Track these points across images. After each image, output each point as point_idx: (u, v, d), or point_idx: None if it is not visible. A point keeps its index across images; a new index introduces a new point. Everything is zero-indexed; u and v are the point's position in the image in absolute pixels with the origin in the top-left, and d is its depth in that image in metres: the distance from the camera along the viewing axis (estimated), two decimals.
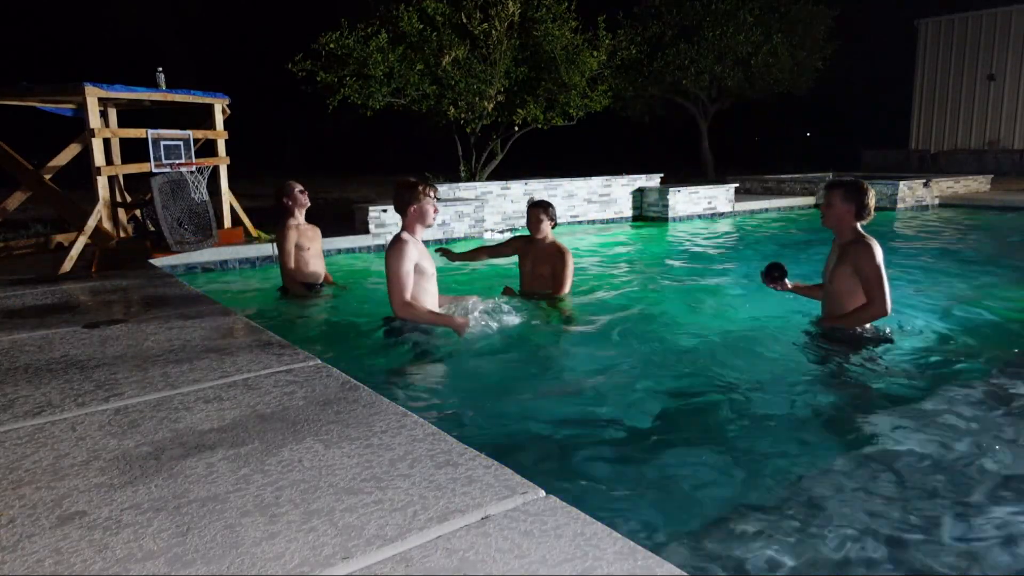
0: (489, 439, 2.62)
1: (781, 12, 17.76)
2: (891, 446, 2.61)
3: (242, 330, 3.38)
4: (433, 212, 3.80)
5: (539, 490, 1.68)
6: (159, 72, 6.44)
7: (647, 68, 17.04)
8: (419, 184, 3.79)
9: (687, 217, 10.72)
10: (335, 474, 1.79)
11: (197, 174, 6.33)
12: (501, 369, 3.54)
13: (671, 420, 2.95)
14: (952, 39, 21.46)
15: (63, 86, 5.66)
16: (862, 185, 3.63)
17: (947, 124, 21.84)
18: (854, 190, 3.61)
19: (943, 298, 5.10)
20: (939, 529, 2.06)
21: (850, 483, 2.32)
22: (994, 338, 4.11)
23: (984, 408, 2.96)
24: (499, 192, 9.48)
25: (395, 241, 3.70)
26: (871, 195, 3.62)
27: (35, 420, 2.19)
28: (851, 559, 1.91)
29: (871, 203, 3.61)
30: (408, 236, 3.73)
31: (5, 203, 6.30)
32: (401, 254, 3.62)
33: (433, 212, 3.80)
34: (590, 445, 2.67)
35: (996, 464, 2.46)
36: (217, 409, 2.26)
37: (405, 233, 3.75)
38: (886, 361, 3.55)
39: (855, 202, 3.58)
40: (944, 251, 7.69)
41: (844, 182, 3.70)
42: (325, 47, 9.80)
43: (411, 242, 3.69)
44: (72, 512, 1.62)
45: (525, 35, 10.72)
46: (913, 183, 12.00)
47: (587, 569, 1.37)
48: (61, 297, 4.24)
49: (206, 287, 5.39)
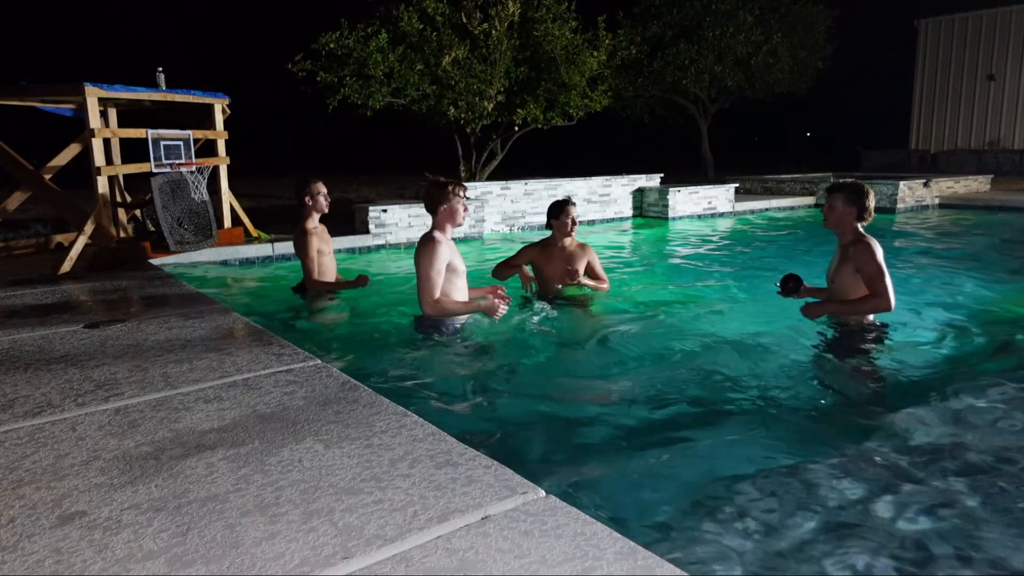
0: (489, 439, 2.63)
1: (781, 12, 17.75)
2: (895, 444, 2.61)
3: (242, 330, 3.37)
4: (463, 211, 3.78)
5: (539, 490, 1.68)
6: (159, 72, 6.44)
7: (647, 68, 17.03)
8: (449, 184, 3.76)
9: (687, 217, 10.73)
10: (335, 474, 1.79)
11: (197, 174, 6.33)
12: (501, 369, 3.54)
13: (671, 420, 2.94)
14: (952, 39, 21.47)
15: (63, 86, 5.67)
16: (863, 188, 3.66)
17: (947, 124, 21.84)
18: (856, 193, 3.65)
19: (943, 298, 5.10)
20: (940, 529, 2.06)
21: (855, 484, 2.32)
22: (994, 338, 4.11)
23: (984, 407, 2.95)
24: (499, 192, 9.48)
25: (427, 240, 3.69)
26: (872, 197, 3.66)
27: (35, 420, 2.19)
28: (855, 559, 1.91)
29: (872, 205, 3.66)
30: (439, 235, 3.72)
31: (5, 203, 6.30)
32: (433, 254, 3.63)
33: (463, 211, 3.78)
34: (590, 445, 2.67)
35: (996, 463, 2.46)
36: (217, 409, 2.26)
37: (436, 232, 3.74)
38: (886, 361, 3.56)
39: (856, 205, 3.63)
40: (944, 251, 7.69)
41: (845, 185, 3.73)
42: (325, 47, 9.80)
43: (443, 241, 3.70)
44: (72, 512, 1.62)
45: (525, 35, 10.72)
46: (913, 183, 12.00)
47: (587, 569, 1.37)
48: (61, 297, 4.24)
49: (205, 287, 5.39)
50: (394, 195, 12.32)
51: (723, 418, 2.92)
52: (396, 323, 4.49)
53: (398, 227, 7.96)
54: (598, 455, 2.57)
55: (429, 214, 3.80)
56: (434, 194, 3.74)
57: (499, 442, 2.62)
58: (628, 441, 2.70)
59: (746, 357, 3.70)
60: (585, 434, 2.79)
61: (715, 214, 11.11)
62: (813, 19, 18.29)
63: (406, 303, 5.10)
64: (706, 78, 17.40)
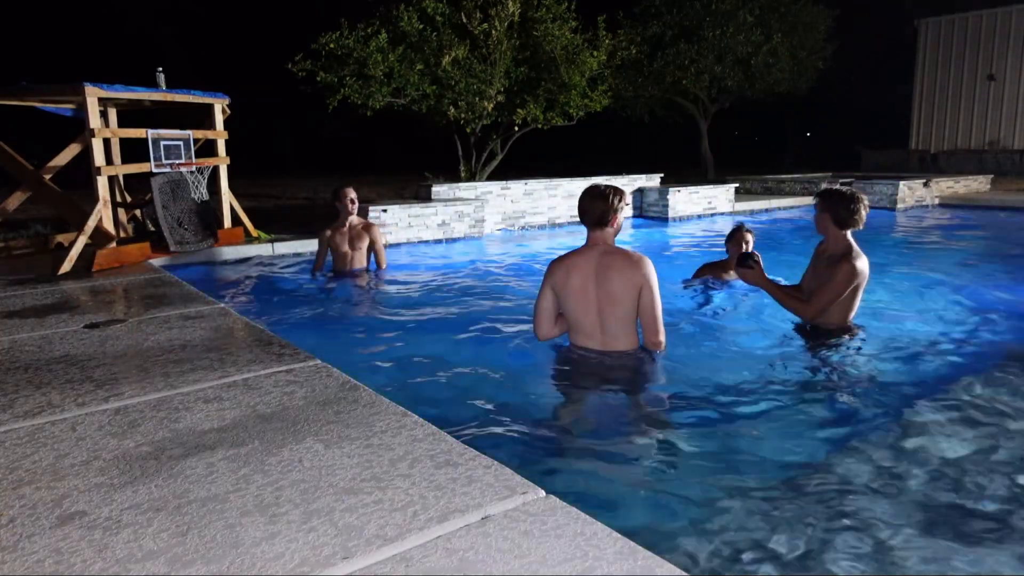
0: (489, 439, 2.63)
1: (781, 12, 17.76)
2: (892, 444, 2.61)
3: (242, 330, 3.37)
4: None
5: (539, 490, 1.68)
6: (159, 72, 6.44)
7: (647, 68, 17.03)
8: (611, 189, 3.21)
9: (687, 217, 10.73)
10: (335, 474, 1.79)
11: (197, 174, 6.33)
12: (501, 370, 3.54)
13: (671, 420, 2.95)
14: (952, 39, 21.46)
15: (63, 86, 5.66)
16: (840, 193, 3.61)
17: (947, 124, 21.84)
18: (830, 199, 3.61)
19: (943, 298, 5.10)
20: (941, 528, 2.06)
21: (853, 483, 2.32)
22: (994, 337, 4.11)
23: (984, 407, 2.95)
24: (499, 192, 9.48)
25: (647, 262, 3.16)
26: (856, 204, 3.56)
27: (35, 420, 2.19)
28: (854, 558, 1.91)
29: (856, 212, 3.56)
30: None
31: (5, 203, 6.30)
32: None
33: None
34: (590, 445, 2.67)
35: (996, 462, 2.46)
36: (217, 409, 2.26)
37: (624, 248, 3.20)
38: (884, 361, 3.56)
39: (830, 210, 3.60)
40: (944, 251, 7.69)
41: (825, 190, 3.71)
42: (325, 47, 9.80)
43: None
44: (72, 512, 1.62)
45: (525, 35, 10.72)
46: (913, 183, 12.00)
47: (587, 569, 1.37)
48: (61, 297, 4.24)
49: (205, 287, 5.39)
50: (394, 195, 12.32)
51: (723, 418, 2.92)
52: (396, 322, 4.49)
53: (398, 227, 7.96)
54: (598, 455, 2.57)
55: (598, 228, 3.19)
56: (603, 204, 3.16)
57: (499, 442, 2.62)
58: (628, 441, 2.70)
59: (747, 357, 3.71)
60: (585, 434, 2.79)
61: (715, 214, 11.11)
62: (813, 19, 18.30)
63: (407, 302, 5.11)
64: (706, 78, 17.40)
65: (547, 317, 3.28)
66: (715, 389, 3.23)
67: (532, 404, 3.10)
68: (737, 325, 4.34)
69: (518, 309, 4.75)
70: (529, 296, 5.31)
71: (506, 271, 6.65)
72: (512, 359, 3.69)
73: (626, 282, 3.09)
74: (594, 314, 3.16)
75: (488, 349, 3.90)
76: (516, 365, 3.61)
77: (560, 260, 3.25)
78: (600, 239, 3.20)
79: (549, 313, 3.28)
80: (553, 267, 3.25)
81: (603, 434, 2.77)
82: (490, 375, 3.46)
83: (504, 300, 5.21)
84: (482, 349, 3.91)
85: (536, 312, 3.30)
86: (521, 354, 3.76)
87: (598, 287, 3.12)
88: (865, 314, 4.48)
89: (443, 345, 3.95)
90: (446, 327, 4.45)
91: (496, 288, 5.72)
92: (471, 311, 4.85)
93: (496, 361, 3.65)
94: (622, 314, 3.14)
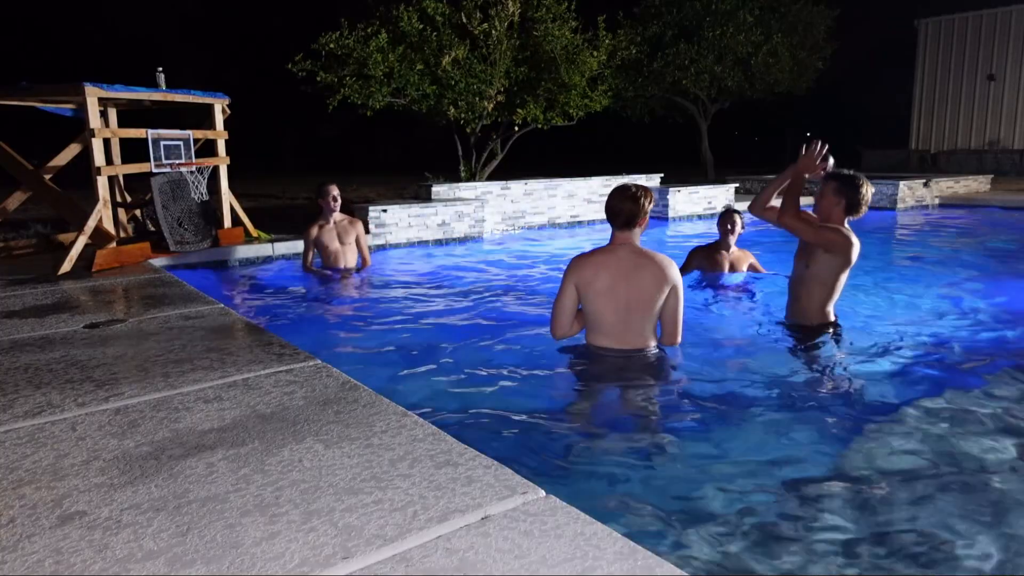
0: (489, 439, 2.63)
1: (781, 12, 17.74)
2: (895, 444, 2.61)
3: (242, 330, 3.37)
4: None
5: (539, 490, 1.68)
6: (159, 72, 6.43)
7: (647, 68, 17.01)
8: (641, 191, 3.19)
9: (687, 217, 10.73)
10: (335, 474, 1.79)
11: (197, 174, 6.33)
12: (502, 369, 3.54)
13: (672, 419, 2.95)
14: (952, 39, 21.45)
15: (63, 86, 5.65)
16: (856, 180, 3.54)
17: (947, 124, 21.83)
18: (847, 184, 3.52)
19: (943, 298, 5.11)
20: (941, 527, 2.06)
21: (851, 482, 2.32)
22: (994, 337, 4.11)
23: (983, 406, 2.95)
24: (499, 192, 9.48)
25: (674, 264, 3.17)
26: (867, 190, 3.52)
27: (35, 420, 2.19)
28: (852, 559, 1.91)
29: (864, 199, 3.51)
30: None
31: (5, 203, 6.30)
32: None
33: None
34: (590, 445, 2.67)
35: (995, 463, 2.46)
36: (217, 409, 2.26)
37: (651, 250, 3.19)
38: (883, 361, 3.56)
39: (845, 196, 3.52)
40: (944, 251, 7.69)
41: (840, 175, 3.60)
42: (325, 47, 9.79)
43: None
44: (72, 512, 1.62)
45: (525, 35, 10.71)
46: (913, 183, 12.00)
47: (587, 569, 1.37)
48: (61, 297, 4.24)
49: (205, 287, 5.39)
50: (394, 195, 12.32)
51: (724, 418, 2.92)
52: (396, 322, 4.49)
53: (398, 227, 7.96)
54: (598, 455, 2.57)
55: (627, 229, 3.17)
56: (634, 205, 3.14)
57: (499, 442, 2.62)
58: (628, 441, 2.70)
59: (747, 358, 3.71)
60: (585, 434, 2.79)
61: (715, 214, 11.10)
62: (813, 19, 18.27)
63: (407, 302, 5.11)
64: (706, 78, 17.38)
65: (568, 315, 3.24)
66: (716, 388, 3.23)
67: (532, 404, 3.10)
68: (735, 324, 4.35)
69: (518, 309, 4.75)
70: (529, 296, 5.32)
71: (506, 271, 6.65)
72: (513, 358, 3.69)
73: (658, 283, 3.12)
74: (620, 313, 3.16)
75: (489, 349, 3.90)
76: (517, 364, 3.61)
77: (585, 257, 3.21)
78: (627, 239, 3.19)
79: (570, 311, 3.24)
80: (578, 264, 3.19)
81: (603, 434, 2.77)
82: (490, 375, 3.46)
83: (504, 300, 5.22)
84: (482, 349, 3.91)
85: (556, 309, 3.25)
86: (522, 353, 3.76)
87: (629, 287, 3.12)
88: (864, 313, 4.49)
89: (443, 345, 3.95)
90: (446, 327, 4.46)
91: (496, 288, 5.72)
92: (471, 311, 4.85)
93: (497, 361, 3.65)
94: (649, 314, 3.17)
